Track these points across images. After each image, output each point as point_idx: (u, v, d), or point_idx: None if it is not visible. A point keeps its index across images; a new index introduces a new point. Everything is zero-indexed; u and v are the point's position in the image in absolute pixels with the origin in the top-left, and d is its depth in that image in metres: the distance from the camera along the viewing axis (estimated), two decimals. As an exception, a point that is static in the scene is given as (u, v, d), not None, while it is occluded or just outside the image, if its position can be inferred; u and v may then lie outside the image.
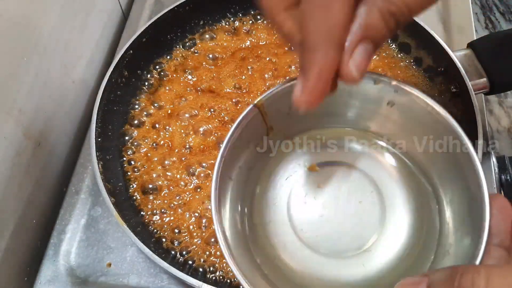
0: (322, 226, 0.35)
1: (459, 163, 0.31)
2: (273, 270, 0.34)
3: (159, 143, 0.53)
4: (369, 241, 0.34)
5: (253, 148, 0.36)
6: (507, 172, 0.52)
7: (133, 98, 0.56)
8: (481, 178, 0.29)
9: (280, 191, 0.37)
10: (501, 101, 0.75)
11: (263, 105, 0.34)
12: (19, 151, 0.48)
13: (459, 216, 0.32)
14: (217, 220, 0.31)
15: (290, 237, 0.35)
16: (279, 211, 0.36)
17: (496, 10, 0.94)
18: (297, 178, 0.37)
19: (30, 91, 0.49)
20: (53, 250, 0.51)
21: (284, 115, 0.36)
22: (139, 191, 0.51)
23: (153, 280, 0.49)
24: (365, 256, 0.34)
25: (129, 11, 0.68)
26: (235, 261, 0.30)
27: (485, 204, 0.28)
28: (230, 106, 0.54)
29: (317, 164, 0.37)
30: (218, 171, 0.32)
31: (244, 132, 0.34)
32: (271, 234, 0.35)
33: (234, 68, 0.57)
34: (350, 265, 0.34)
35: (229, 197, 0.34)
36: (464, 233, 0.31)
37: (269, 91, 0.34)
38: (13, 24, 0.45)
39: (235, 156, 0.34)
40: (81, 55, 0.59)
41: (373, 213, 0.35)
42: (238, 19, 0.61)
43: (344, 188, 0.36)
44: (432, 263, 0.33)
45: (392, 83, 0.33)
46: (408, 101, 0.33)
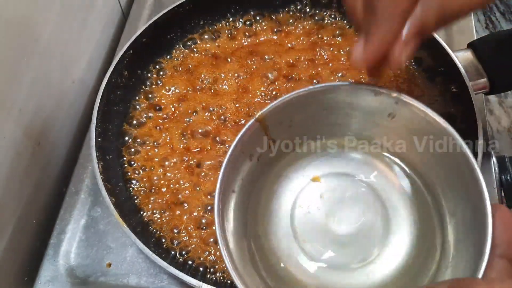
0: (326, 237, 0.35)
1: (462, 174, 0.31)
2: (277, 282, 0.34)
3: (159, 143, 0.53)
4: (373, 252, 0.34)
5: (255, 161, 0.36)
6: (507, 172, 0.52)
7: (133, 98, 0.56)
8: (483, 189, 0.29)
9: (283, 203, 0.37)
10: (501, 101, 0.75)
11: (264, 119, 0.34)
12: (19, 151, 0.48)
13: (462, 227, 0.32)
14: (220, 234, 0.31)
15: (294, 248, 0.35)
16: (283, 222, 0.36)
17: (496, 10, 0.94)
18: (300, 189, 0.37)
19: (30, 91, 0.49)
20: (53, 250, 0.51)
21: (286, 128, 0.36)
22: (139, 191, 0.51)
23: (153, 280, 0.49)
24: (369, 268, 0.34)
25: (129, 11, 0.68)
26: (239, 274, 0.30)
27: (488, 216, 0.28)
28: (230, 105, 0.54)
29: (320, 175, 0.37)
30: (221, 186, 0.32)
31: (246, 146, 0.34)
32: (275, 245, 0.36)
33: (234, 68, 0.57)
34: (354, 276, 0.34)
35: (232, 210, 0.34)
36: (467, 244, 0.31)
37: (270, 104, 0.34)
38: (13, 24, 0.45)
39: (237, 169, 0.34)
40: (81, 55, 0.59)
41: (377, 224, 0.35)
42: (238, 19, 0.61)
43: (347, 199, 0.36)
44: (435, 274, 0.33)
45: (392, 95, 0.33)
46: (409, 112, 0.34)
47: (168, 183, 0.51)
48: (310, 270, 0.34)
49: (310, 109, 0.36)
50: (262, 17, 0.61)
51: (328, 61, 0.57)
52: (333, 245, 0.35)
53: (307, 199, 0.37)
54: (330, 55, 0.58)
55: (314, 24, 0.60)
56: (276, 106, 0.34)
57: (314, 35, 0.59)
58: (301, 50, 0.58)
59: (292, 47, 0.59)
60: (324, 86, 0.35)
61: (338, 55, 0.57)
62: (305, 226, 0.36)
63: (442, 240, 0.34)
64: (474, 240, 0.29)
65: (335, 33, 0.59)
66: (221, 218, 0.32)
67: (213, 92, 0.56)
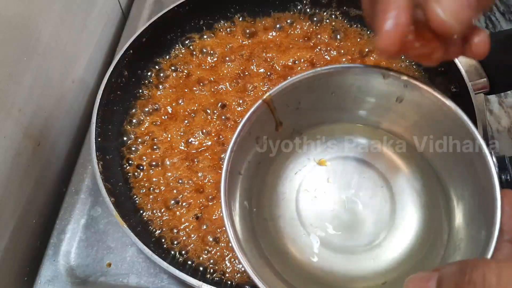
0: (332, 221, 0.35)
1: (470, 158, 0.31)
2: (283, 264, 0.34)
3: (159, 143, 0.53)
4: (379, 236, 0.34)
5: (261, 143, 0.36)
6: (507, 172, 0.52)
7: (133, 98, 0.56)
8: (493, 173, 0.29)
9: (289, 186, 0.37)
10: (501, 101, 0.75)
11: (272, 100, 0.34)
12: (19, 151, 0.48)
13: (470, 211, 0.32)
14: (226, 214, 0.31)
15: (300, 232, 0.35)
16: (288, 206, 0.36)
17: (496, 10, 0.94)
18: (306, 173, 0.37)
19: (30, 91, 0.49)
20: (53, 250, 0.51)
21: (293, 110, 0.36)
22: (139, 191, 0.51)
23: (153, 280, 0.49)
24: (375, 251, 0.34)
25: (129, 11, 0.68)
26: (245, 255, 0.30)
27: (497, 199, 0.28)
28: (230, 105, 0.54)
29: (326, 159, 0.37)
30: (228, 165, 0.32)
31: (253, 127, 0.34)
32: (281, 229, 0.35)
33: (234, 68, 0.57)
34: (360, 260, 0.34)
35: (239, 192, 0.34)
36: (475, 228, 0.31)
37: (278, 86, 0.33)
38: (13, 24, 0.45)
39: (244, 151, 0.34)
40: (81, 55, 0.59)
41: (384, 208, 0.35)
42: (237, 19, 0.61)
43: (354, 183, 0.36)
44: (443, 258, 0.33)
45: (401, 78, 0.33)
46: (418, 96, 0.33)
47: (168, 183, 0.51)
48: (315, 253, 0.34)
49: (318, 92, 0.35)
50: (262, 17, 0.61)
51: (328, 61, 0.57)
52: (340, 229, 0.35)
53: (313, 183, 0.37)
54: (330, 55, 0.58)
55: (314, 24, 0.60)
56: (283, 88, 0.33)
57: (314, 35, 0.59)
58: (301, 50, 0.58)
59: (292, 47, 0.59)
60: (332, 67, 0.34)
61: (338, 56, 0.58)
62: (311, 210, 0.36)
63: (449, 224, 0.33)
64: (482, 223, 0.29)
65: (335, 33, 0.59)
66: (227, 198, 0.31)
67: (213, 92, 0.56)
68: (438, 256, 0.33)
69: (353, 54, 0.58)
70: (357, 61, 0.57)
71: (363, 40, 0.59)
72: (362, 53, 0.58)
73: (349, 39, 0.59)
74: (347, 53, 0.58)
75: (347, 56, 0.57)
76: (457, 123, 0.31)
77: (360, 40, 0.59)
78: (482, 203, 0.30)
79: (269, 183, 0.37)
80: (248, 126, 0.33)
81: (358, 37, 0.59)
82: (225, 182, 0.32)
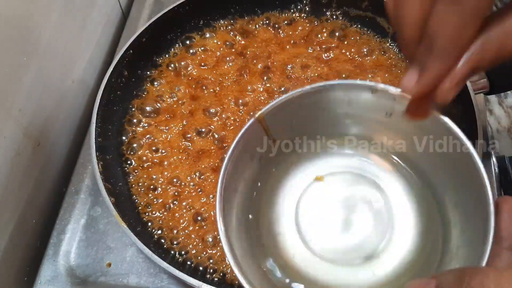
0: (331, 235, 0.36)
1: (461, 165, 0.31)
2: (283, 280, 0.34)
3: (159, 143, 0.53)
4: (378, 248, 0.35)
5: (257, 161, 0.36)
6: (507, 172, 0.52)
7: (133, 98, 0.56)
8: (484, 178, 0.29)
9: (287, 203, 0.37)
10: (501, 101, 0.75)
11: (264, 119, 0.34)
12: (19, 151, 0.48)
13: (465, 218, 0.32)
14: (223, 231, 0.31)
15: (300, 248, 0.35)
16: (288, 222, 0.36)
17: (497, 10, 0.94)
18: (304, 189, 0.37)
19: (30, 91, 0.49)
20: (52, 250, 0.51)
21: (286, 127, 0.36)
22: (139, 191, 0.51)
23: (153, 280, 0.49)
24: (374, 263, 0.34)
25: (129, 11, 0.68)
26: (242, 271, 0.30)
27: (489, 204, 0.28)
28: (230, 105, 0.54)
29: (323, 175, 0.38)
30: (222, 184, 0.32)
31: (247, 146, 0.34)
32: (280, 245, 0.36)
33: (234, 67, 0.57)
34: (359, 272, 0.34)
35: (235, 209, 0.34)
36: (471, 235, 0.31)
37: (269, 104, 0.34)
38: (13, 24, 0.45)
39: (239, 169, 0.34)
40: (80, 55, 0.59)
41: (381, 220, 0.36)
42: (237, 19, 0.61)
43: (351, 196, 0.37)
44: (440, 265, 0.33)
45: (389, 92, 0.33)
46: None
47: (168, 182, 0.51)
48: (315, 268, 0.35)
49: (308, 109, 0.36)
50: (262, 17, 0.61)
51: (328, 62, 0.57)
52: (338, 242, 0.35)
53: (311, 199, 0.37)
54: (330, 55, 0.58)
55: (314, 24, 0.60)
56: (274, 106, 0.34)
57: (314, 35, 0.59)
58: (301, 50, 0.58)
59: (292, 46, 0.59)
60: (319, 85, 0.34)
61: (338, 56, 0.58)
62: (310, 225, 0.36)
63: (445, 232, 0.34)
64: (478, 230, 0.29)
65: (335, 33, 0.59)
66: (223, 216, 0.32)
67: (213, 92, 0.56)
68: (435, 264, 0.33)
69: (352, 54, 0.58)
70: (356, 61, 0.57)
71: (363, 40, 0.59)
72: (362, 53, 0.58)
73: (349, 39, 0.59)
74: (347, 53, 0.58)
75: (347, 56, 0.57)
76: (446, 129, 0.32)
77: (360, 40, 0.59)
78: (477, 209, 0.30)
79: (267, 200, 0.37)
80: (241, 144, 0.34)
81: (358, 37, 0.59)
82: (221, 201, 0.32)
